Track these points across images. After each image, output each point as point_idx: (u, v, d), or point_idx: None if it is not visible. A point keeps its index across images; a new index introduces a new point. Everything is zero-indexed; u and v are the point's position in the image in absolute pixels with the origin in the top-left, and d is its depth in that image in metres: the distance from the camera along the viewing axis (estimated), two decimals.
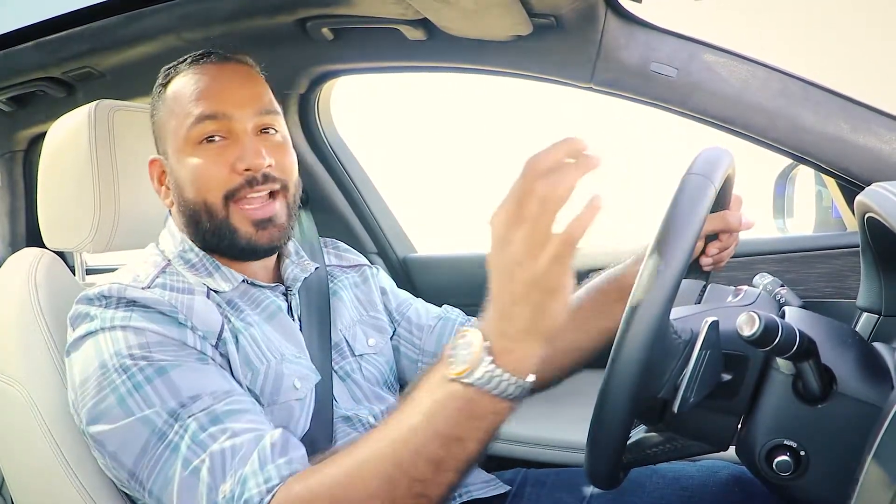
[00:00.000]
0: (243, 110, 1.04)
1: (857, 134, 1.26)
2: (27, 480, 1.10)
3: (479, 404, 0.71)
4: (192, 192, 1.05)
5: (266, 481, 0.81)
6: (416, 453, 0.74)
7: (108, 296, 0.97)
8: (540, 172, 0.65)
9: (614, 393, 0.75)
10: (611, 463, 0.80)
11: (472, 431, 0.73)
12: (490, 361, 0.70)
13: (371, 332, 1.25)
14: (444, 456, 0.73)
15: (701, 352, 0.77)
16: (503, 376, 0.70)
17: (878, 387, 0.79)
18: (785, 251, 1.51)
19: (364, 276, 1.32)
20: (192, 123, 1.03)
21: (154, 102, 1.11)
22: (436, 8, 1.26)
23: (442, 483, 0.75)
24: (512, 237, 0.67)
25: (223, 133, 1.04)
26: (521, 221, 0.66)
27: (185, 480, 0.84)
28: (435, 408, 0.73)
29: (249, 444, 0.85)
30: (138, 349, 0.92)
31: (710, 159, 0.87)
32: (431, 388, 0.74)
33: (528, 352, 0.71)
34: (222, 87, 1.05)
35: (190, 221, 1.07)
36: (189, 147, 1.04)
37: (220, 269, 1.09)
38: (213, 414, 0.88)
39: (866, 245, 1.02)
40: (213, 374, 0.94)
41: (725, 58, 1.31)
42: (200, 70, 1.07)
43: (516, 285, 0.68)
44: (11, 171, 2.03)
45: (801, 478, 0.80)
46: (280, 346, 1.07)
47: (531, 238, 0.66)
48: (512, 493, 1.25)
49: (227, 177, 1.03)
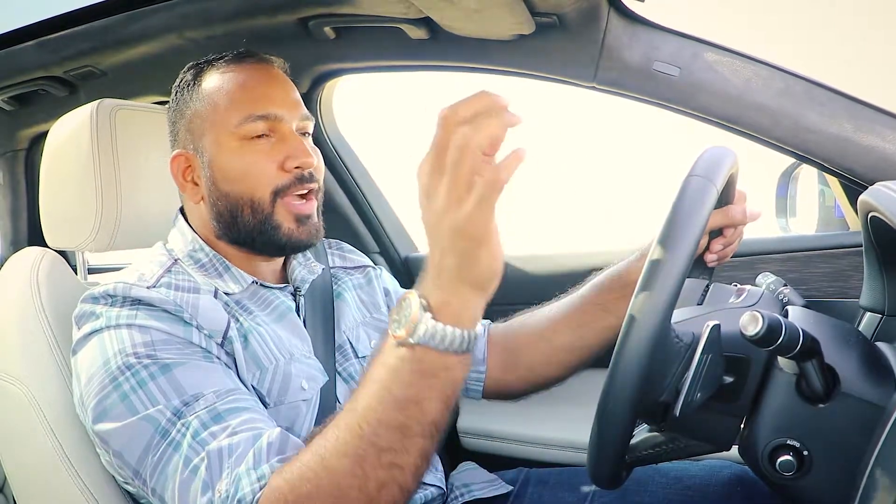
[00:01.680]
0: (291, 112, 1.09)
1: (860, 133, 1.26)
2: (29, 479, 1.10)
3: (429, 362, 0.73)
4: (237, 187, 1.06)
5: (259, 479, 0.81)
6: (378, 423, 0.75)
7: (113, 294, 0.97)
8: (456, 122, 0.67)
9: (616, 397, 0.74)
10: (613, 463, 0.80)
11: (427, 391, 0.74)
12: (430, 318, 0.72)
13: (374, 334, 1.25)
14: (406, 421, 0.74)
15: (702, 356, 0.77)
16: (445, 330, 0.72)
17: (882, 386, 0.79)
18: (788, 251, 1.51)
19: (368, 278, 1.33)
20: (244, 120, 1.06)
21: (181, 97, 1.12)
22: (438, 7, 1.26)
23: (412, 450, 0.75)
24: (436, 187, 0.69)
25: (271, 132, 1.07)
26: (443, 171, 0.68)
27: (185, 480, 0.85)
28: (388, 375, 0.75)
29: (246, 443, 0.85)
30: (143, 347, 0.92)
31: (712, 160, 0.87)
32: (382, 357, 0.76)
33: (465, 303, 0.73)
34: (271, 88, 1.10)
35: (225, 215, 1.08)
36: (236, 142, 1.06)
37: (230, 270, 1.10)
38: (214, 412, 0.88)
39: (869, 244, 1.01)
40: (218, 373, 0.95)
41: (728, 57, 1.31)
42: (244, 69, 1.10)
43: (443, 235, 0.70)
44: (13, 170, 2.03)
45: (804, 478, 0.80)
46: (290, 345, 1.08)
47: (452, 185, 0.68)
48: (514, 493, 1.26)
49: (276, 174, 1.06)
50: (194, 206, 1.12)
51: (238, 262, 1.11)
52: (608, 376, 0.75)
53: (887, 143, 1.24)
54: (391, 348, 0.75)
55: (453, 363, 0.74)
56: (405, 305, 0.74)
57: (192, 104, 1.10)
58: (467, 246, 0.69)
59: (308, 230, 1.09)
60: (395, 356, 0.74)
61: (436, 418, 0.75)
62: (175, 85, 1.14)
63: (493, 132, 0.67)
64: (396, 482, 0.76)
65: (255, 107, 1.06)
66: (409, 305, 0.73)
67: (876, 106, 1.27)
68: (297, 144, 1.07)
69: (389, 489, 0.76)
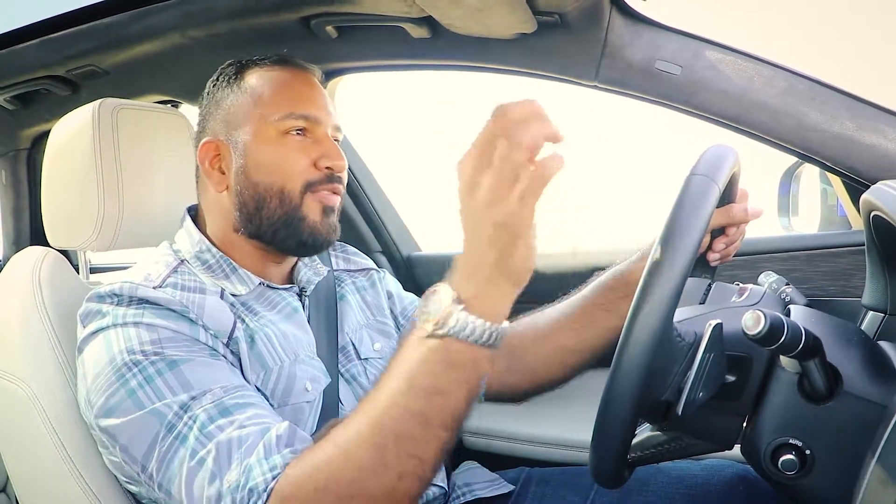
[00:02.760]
0: (328, 119, 1.13)
1: (862, 132, 1.25)
2: (32, 478, 1.11)
3: (457, 353, 0.74)
4: (268, 176, 1.09)
5: (271, 469, 0.81)
6: (401, 413, 0.75)
7: (119, 294, 0.98)
8: (509, 119, 0.69)
9: (618, 396, 0.74)
10: (615, 462, 0.80)
11: (453, 384, 0.75)
12: (461, 309, 0.73)
13: (377, 336, 1.25)
14: (430, 411, 0.75)
15: (705, 355, 0.77)
16: (476, 322, 0.73)
17: (884, 386, 0.79)
18: (790, 249, 1.51)
19: (371, 281, 1.34)
20: (285, 116, 1.09)
21: (220, 89, 1.14)
22: (440, 6, 1.26)
23: (432, 442, 0.76)
24: (479, 180, 0.70)
25: (308, 132, 1.10)
26: (489, 164, 0.70)
27: (192, 471, 0.85)
28: (415, 365, 0.75)
29: (255, 436, 0.85)
30: (150, 345, 0.93)
31: (713, 158, 0.87)
32: (410, 348, 0.76)
33: (498, 296, 0.74)
34: (313, 93, 1.14)
35: (250, 205, 1.10)
36: (274, 134, 1.09)
37: (237, 272, 1.10)
38: (222, 406, 0.89)
39: (872, 243, 1.01)
40: (224, 370, 0.96)
41: (730, 56, 1.31)
42: (287, 72, 1.14)
43: (484, 228, 0.71)
44: (15, 169, 2.03)
45: (806, 477, 0.80)
46: (296, 345, 1.08)
47: (498, 179, 0.69)
48: (516, 492, 1.26)
49: (308, 169, 1.09)
50: (214, 195, 1.13)
51: (247, 263, 1.12)
52: (610, 375, 0.75)
53: (889, 141, 1.24)
54: (419, 340, 0.75)
55: (480, 356, 0.74)
56: (435, 298, 0.74)
57: (231, 96, 1.13)
58: (508, 240, 0.71)
59: (330, 224, 1.12)
60: (424, 347, 0.75)
61: (458, 411, 0.76)
62: (213, 78, 1.17)
63: (543, 133, 0.69)
64: (415, 473, 0.76)
65: (297, 105, 1.10)
66: (440, 298, 0.74)
67: (878, 104, 1.27)
68: (331, 146, 1.11)
69: (408, 480, 0.76)
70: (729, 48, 1.31)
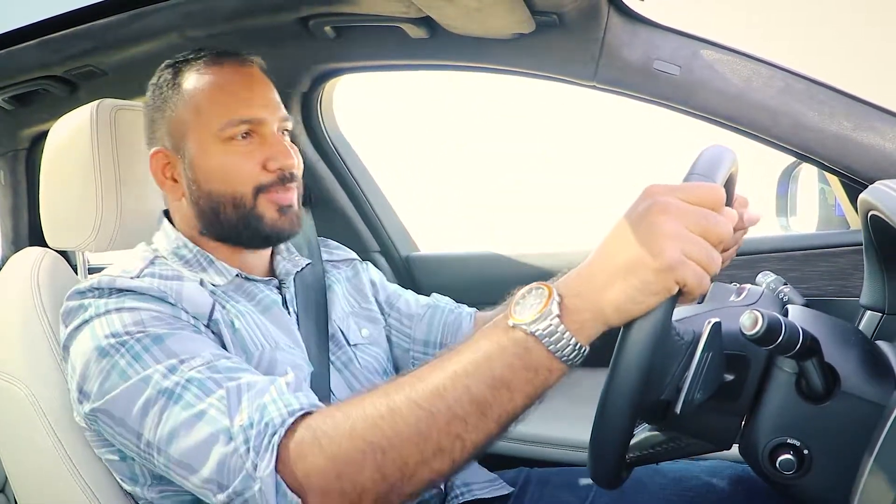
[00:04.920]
0: (273, 114, 1.11)
1: (860, 132, 1.26)
2: (30, 479, 1.11)
3: (536, 356, 0.72)
4: (218, 185, 1.09)
5: (287, 405, 0.81)
6: (463, 390, 0.73)
7: (98, 287, 0.99)
8: (715, 200, 0.71)
9: (616, 396, 0.74)
10: (614, 463, 0.80)
11: (522, 383, 0.73)
12: (556, 315, 0.71)
13: (364, 322, 1.28)
14: (491, 401, 0.73)
15: (703, 354, 0.77)
16: (565, 334, 0.71)
17: (882, 385, 0.79)
18: (788, 249, 1.51)
19: (355, 270, 1.37)
20: (226, 124, 1.08)
21: (160, 95, 1.13)
22: (438, 6, 1.26)
23: (481, 430, 0.74)
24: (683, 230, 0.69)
25: (253, 133, 1.09)
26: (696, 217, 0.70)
27: (190, 424, 0.84)
28: (494, 350, 0.73)
29: (265, 383, 0.85)
30: (133, 326, 0.93)
31: (711, 158, 0.86)
32: (493, 333, 0.75)
33: (596, 319, 0.72)
34: (252, 91, 1.11)
35: (207, 212, 1.10)
36: (218, 144, 1.08)
37: (213, 264, 1.11)
38: (214, 367, 0.89)
39: (870, 243, 1.01)
40: (210, 342, 0.97)
41: (728, 55, 1.31)
42: (223, 70, 1.11)
43: (647, 269, 0.69)
44: (14, 169, 2.03)
45: (804, 476, 0.80)
46: (276, 336, 1.09)
47: (697, 240, 0.69)
48: (515, 493, 1.25)
49: (258, 172, 1.09)
50: (176, 203, 1.14)
51: (223, 256, 1.13)
52: (609, 375, 0.75)
53: (887, 141, 1.24)
54: (505, 328, 0.74)
55: (556, 368, 0.73)
56: (536, 294, 0.73)
57: (171, 104, 1.11)
58: (658, 292, 0.69)
59: (290, 219, 1.11)
60: (508, 336, 0.73)
61: (517, 411, 0.74)
62: (153, 82, 1.15)
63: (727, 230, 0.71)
64: (452, 455, 0.75)
65: (236, 111, 1.08)
66: (541, 296, 0.72)
67: (876, 104, 1.27)
68: (278, 146, 1.10)
69: (443, 459, 0.75)
70: (727, 48, 1.31)
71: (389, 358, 1.30)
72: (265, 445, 0.78)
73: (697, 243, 0.69)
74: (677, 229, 0.69)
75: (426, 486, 0.77)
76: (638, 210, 0.72)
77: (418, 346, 1.32)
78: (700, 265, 0.69)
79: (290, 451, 0.78)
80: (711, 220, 0.70)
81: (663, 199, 0.70)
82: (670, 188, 0.72)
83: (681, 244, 0.68)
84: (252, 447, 0.79)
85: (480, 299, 1.34)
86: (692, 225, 0.69)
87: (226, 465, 0.81)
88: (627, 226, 0.71)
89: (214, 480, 0.82)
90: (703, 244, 0.69)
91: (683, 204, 0.70)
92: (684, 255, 0.68)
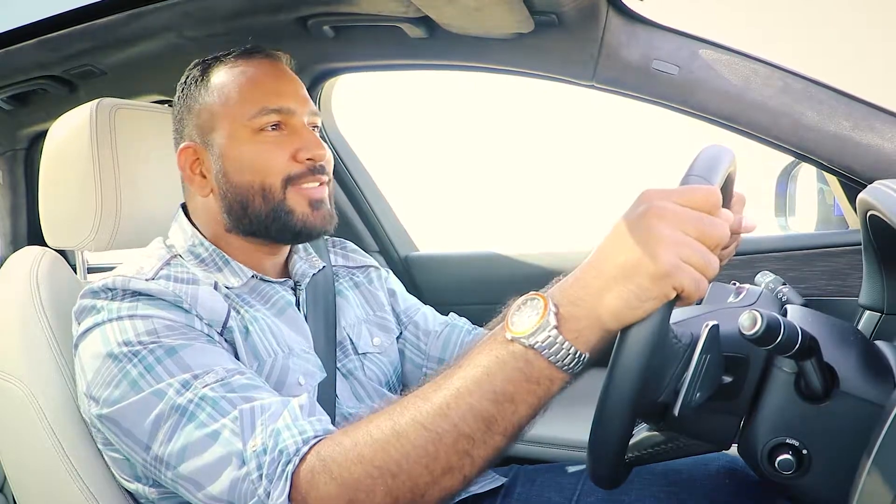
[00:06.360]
0: (302, 107, 1.11)
1: (859, 132, 1.26)
2: (29, 478, 1.10)
3: (537, 368, 0.72)
4: (247, 176, 1.08)
5: (301, 433, 0.80)
6: (468, 408, 0.74)
7: (112, 288, 0.98)
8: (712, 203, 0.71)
9: (615, 397, 0.74)
10: (613, 463, 0.80)
11: (525, 395, 0.73)
12: (553, 326, 0.71)
13: (377, 331, 1.26)
14: (496, 415, 0.73)
15: (701, 356, 0.77)
16: (564, 344, 0.71)
17: (881, 385, 0.79)
18: (787, 249, 1.51)
19: (370, 278, 1.34)
20: (257, 113, 1.08)
21: (188, 93, 1.13)
22: (437, 5, 1.26)
23: (489, 444, 0.74)
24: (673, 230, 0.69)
25: (283, 125, 1.09)
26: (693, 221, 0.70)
27: (203, 444, 0.84)
28: (494, 365, 0.73)
29: (278, 405, 0.85)
30: (147, 335, 0.93)
31: (710, 159, 0.86)
32: (491, 347, 0.75)
33: (593, 326, 0.71)
34: (282, 83, 1.12)
35: (235, 206, 1.09)
36: (248, 134, 1.08)
37: (229, 264, 1.10)
38: (228, 385, 0.88)
39: (868, 243, 1.01)
40: (223, 354, 0.96)
41: (727, 55, 1.31)
42: (253, 64, 1.12)
43: (642, 273, 0.69)
44: (13, 169, 2.03)
45: (803, 476, 0.80)
46: (289, 339, 1.08)
47: (693, 243, 0.69)
48: (503, 492, 1.25)
49: (287, 163, 1.08)
50: (202, 199, 1.13)
51: (240, 257, 1.12)
52: (607, 376, 0.75)
53: (886, 140, 1.24)
54: (503, 341, 0.74)
55: (557, 378, 0.73)
56: (532, 305, 0.73)
57: (200, 99, 1.11)
58: (655, 298, 0.69)
59: (322, 215, 1.10)
60: (507, 350, 0.73)
61: (523, 422, 0.75)
62: (181, 82, 1.15)
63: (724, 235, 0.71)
64: (462, 471, 0.75)
65: (267, 100, 1.08)
66: (537, 307, 0.72)
67: (875, 104, 1.27)
68: (309, 137, 1.09)
69: (453, 476, 0.75)
70: (726, 48, 1.31)
71: (397, 370, 1.28)
72: (279, 474, 0.79)
73: (694, 248, 0.69)
74: (673, 234, 0.69)
75: (439, 503, 0.78)
76: (634, 215, 0.71)
77: (432, 364, 1.30)
78: (697, 269, 0.69)
79: (302, 479, 0.78)
80: (708, 224, 0.70)
81: (659, 204, 0.70)
82: (666, 192, 0.72)
83: (677, 249, 0.68)
84: (265, 475, 0.80)
85: (479, 299, 1.34)
86: (689, 229, 0.69)
87: (237, 488, 0.82)
88: (623, 231, 0.71)
89: (224, 500, 0.83)
90: (700, 248, 0.69)
91: (679, 208, 0.70)
92: (681, 259, 0.68)
